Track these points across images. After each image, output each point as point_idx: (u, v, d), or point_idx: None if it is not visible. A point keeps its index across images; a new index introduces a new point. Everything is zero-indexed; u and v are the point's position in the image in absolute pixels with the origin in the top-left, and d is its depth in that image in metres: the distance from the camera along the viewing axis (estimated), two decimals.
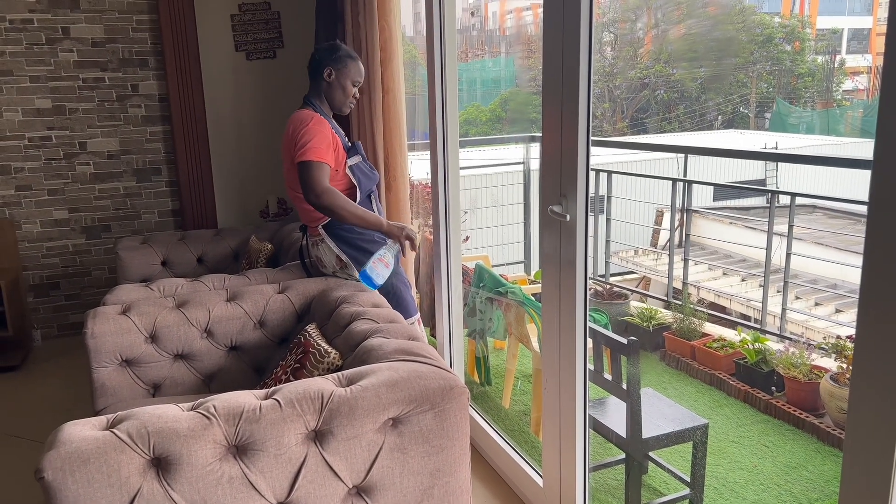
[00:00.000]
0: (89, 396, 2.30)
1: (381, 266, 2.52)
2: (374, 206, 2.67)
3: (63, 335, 4.21)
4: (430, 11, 2.73)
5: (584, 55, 1.82)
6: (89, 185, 4.07)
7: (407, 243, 2.56)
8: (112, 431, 1.41)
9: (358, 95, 2.67)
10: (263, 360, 2.44)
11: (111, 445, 1.38)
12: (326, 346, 2.02)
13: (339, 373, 1.66)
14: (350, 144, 2.64)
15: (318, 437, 1.51)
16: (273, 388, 1.59)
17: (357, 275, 2.56)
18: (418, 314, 2.76)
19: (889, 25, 1.06)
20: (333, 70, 2.56)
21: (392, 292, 2.62)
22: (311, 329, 2.17)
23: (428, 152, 2.93)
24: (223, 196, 4.24)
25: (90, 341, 2.25)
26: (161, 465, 1.40)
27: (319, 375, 1.85)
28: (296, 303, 2.48)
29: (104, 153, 4.06)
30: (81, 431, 1.41)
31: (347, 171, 2.56)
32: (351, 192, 2.57)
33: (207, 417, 1.45)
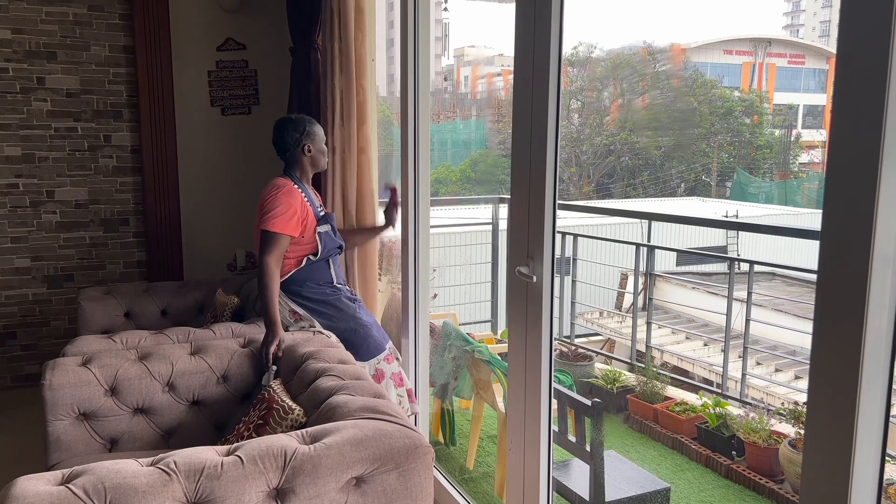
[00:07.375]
0: (42, 451, 2.23)
1: None
2: (332, 269, 2.78)
3: (16, 387, 4.07)
4: (404, 74, 2.82)
5: (551, 121, 1.90)
6: (54, 234, 4.02)
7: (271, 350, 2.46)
8: (67, 487, 1.38)
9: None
10: (225, 416, 2.40)
11: (66, 501, 1.34)
12: (291, 403, 2.01)
13: (304, 430, 1.65)
14: (322, 214, 2.78)
15: (280, 495, 1.49)
16: (235, 444, 1.57)
17: (317, 325, 2.69)
18: (389, 342, 2.80)
19: (833, 103, 1.15)
20: (311, 144, 2.73)
21: (352, 338, 2.69)
22: (276, 385, 2.16)
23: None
24: (191, 248, 4.21)
25: (47, 393, 2.19)
26: None
27: (283, 432, 1.83)
28: None
29: (72, 202, 4.03)
30: (35, 486, 1.38)
31: (316, 235, 2.70)
32: (314, 252, 2.73)
33: (167, 473, 1.43)
